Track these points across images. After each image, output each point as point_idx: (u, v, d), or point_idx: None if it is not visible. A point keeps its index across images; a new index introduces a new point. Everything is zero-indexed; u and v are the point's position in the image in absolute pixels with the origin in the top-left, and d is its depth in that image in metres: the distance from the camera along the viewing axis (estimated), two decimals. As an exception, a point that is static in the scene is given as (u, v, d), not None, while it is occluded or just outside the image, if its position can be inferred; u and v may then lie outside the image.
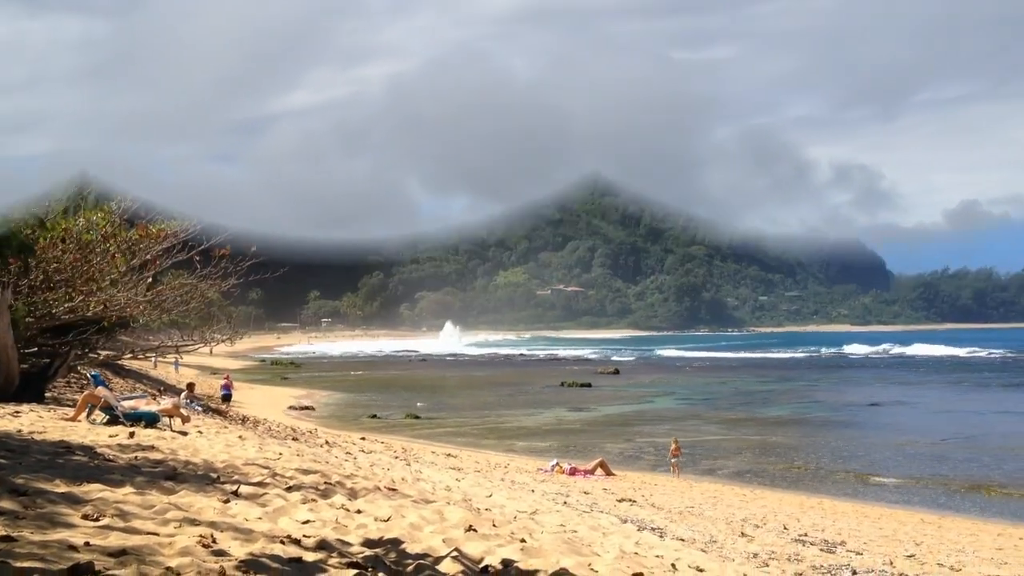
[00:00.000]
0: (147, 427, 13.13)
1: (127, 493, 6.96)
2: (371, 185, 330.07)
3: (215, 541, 5.63)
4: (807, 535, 14.77)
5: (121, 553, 5.00)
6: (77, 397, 15.80)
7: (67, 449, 9.50)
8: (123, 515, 6.09)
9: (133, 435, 11.63)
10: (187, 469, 8.96)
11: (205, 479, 8.34)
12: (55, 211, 19.28)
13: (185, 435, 13.10)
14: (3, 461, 8.04)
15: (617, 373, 72.72)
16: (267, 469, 9.60)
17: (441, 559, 6.07)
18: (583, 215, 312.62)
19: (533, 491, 16.24)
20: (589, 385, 57.62)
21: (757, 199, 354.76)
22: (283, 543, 5.87)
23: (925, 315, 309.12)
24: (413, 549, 6.31)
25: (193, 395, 24.36)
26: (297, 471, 9.83)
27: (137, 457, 9.51)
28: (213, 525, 6.12)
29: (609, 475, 23.05)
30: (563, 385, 57.84)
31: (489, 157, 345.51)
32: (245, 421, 24.84)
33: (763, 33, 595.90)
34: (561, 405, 44.91)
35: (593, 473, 22.86)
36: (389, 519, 7.46)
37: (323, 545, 5.96)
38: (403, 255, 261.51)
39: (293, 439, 19.38)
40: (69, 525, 5.63)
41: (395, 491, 9.79)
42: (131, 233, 17.96)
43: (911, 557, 13.53)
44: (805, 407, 45.17)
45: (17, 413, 13.16)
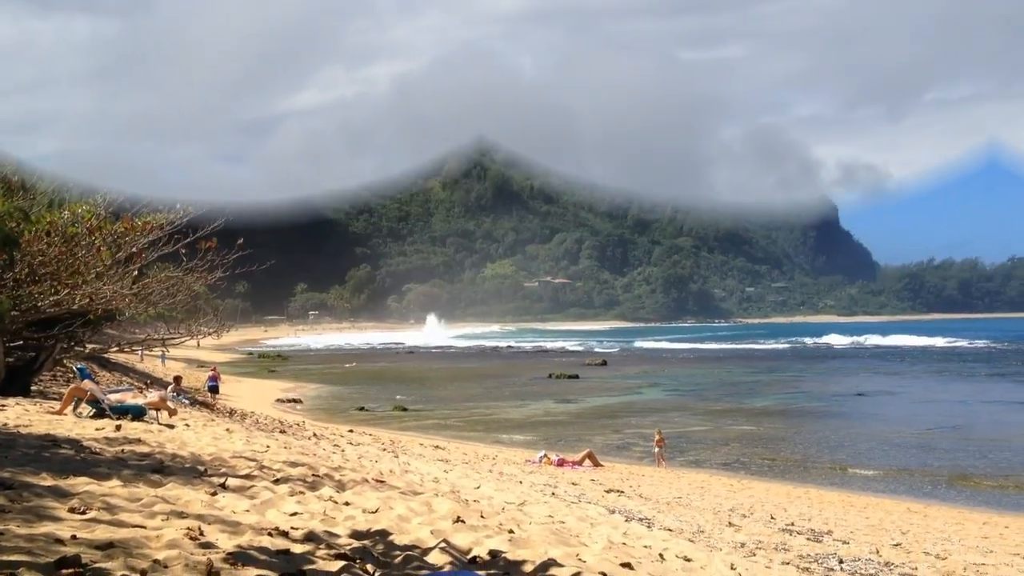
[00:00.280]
0: (134, 420, 13.09)
1: (114, 486, 6.94)
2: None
3: (202, 534, 5.62)
4: (794, 525, 14.84)
5: (108, 546, 4.98)
6: (63, 391, 15.73)
7: (53, 442, 9.46)
8: (110, 508, 6.07)
9: (120, 428, 11.60)
10: (174, 462, 8.94)
11: (192, 472, 8.32)
12: (40, 204, 19.15)
13: (172, 428, 13.07)
14: (-11, 455, 8.00)
15: (604, 364, 72.88)
16: (254, 462, 9.58)
17: (429, 550, 6.08)
18: (570, 207, 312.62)
19: (521, 482, 16.26)
20: (576, 377, 57.69)
21: (763, 197, 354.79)
22: (271, 535, 5.86)
23: (911, 305, 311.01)
24: (401, 540, 6.32)
25: (180, 388, 24.26)
26: (285, 463, 9.82)
27: (124, 450, 9.48)
28: (200, 518, 6.11)
29: (597, 466, 23.09)
30: (551, 377, 57.89)
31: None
32: (232, 414, 24.77)
33: (770, 33, 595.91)
34: (549, 397, 44.95)
35: (581, 464, 22.90)
36: (377, 511, 7.45)
37: (311, 537, 5.95)
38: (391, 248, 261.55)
39: (281, 432, 19.34)
40: (56, 518, 5.61)
41: (383, 483, 9.78)
42: (116, 226, 17.83)
43: (897, 546, 13.61)
44: (791, 397, 45.38)
45: (3, 407, 13.10)
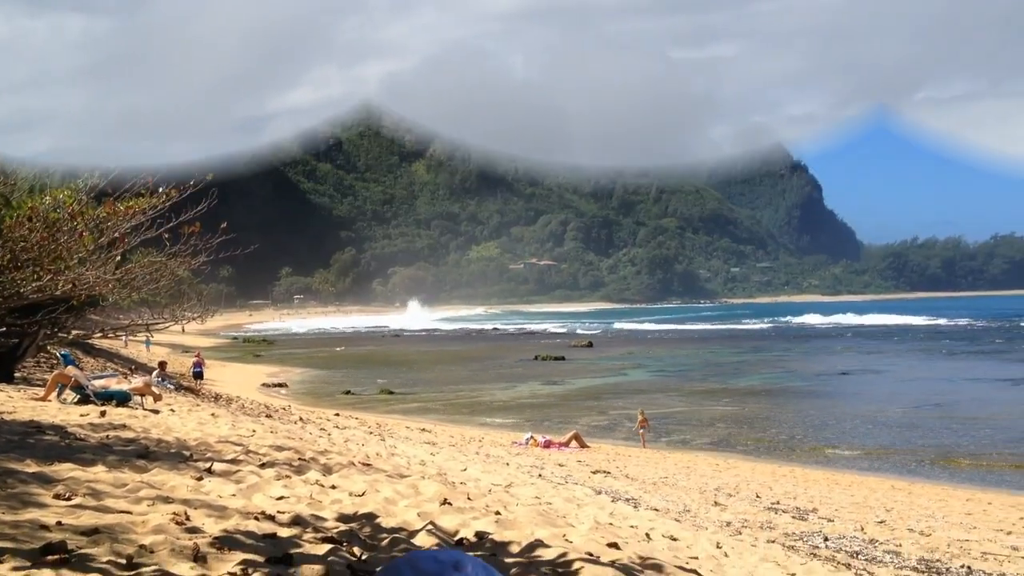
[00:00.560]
0: (119, 406, 13.05)
1: (99, 472, 6.91)
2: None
3: (189, 518, 5.60)
4: (779, 503, 14.95)
5: (94, 532, 4.96)
6: (47, 377, 15.66)
7: (37, 429, 9.41)
8: (95, 494, 6.04)
9: (104, 414, 11.56)
10: (160, 447, 8.90)
11: (178, 457, 8.29)
12: (20, 189, 18.96)
13: (157, 413, 13.03)
14: (-28, 442, 7.95)
15: (591, 346, 73.03)
16: (240, 446, 9.56)
17: (416, 533, 6.08)
18: (555, 189, 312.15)
19: (508, 464, 16.31)
20: (563, 358, 57.80)
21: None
22: (257, 519, 5.85)
23: (895, 284, 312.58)
24: (388, 523, 6.31)
25: (165, 373, 24.16)
26: (271, 448, 9.80)
27: (109, 436, 9.44)
28: (187, 502, 6.09)
29: (583, 447, 23.18)
30: (537, 359, 57.99)
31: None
32: (218, 399, 24.71)
33: (764, 32, 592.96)
34: (535, 379, 45.04)
35: (567, 445, 22.97)
36: (364, 494, 7.45)
37: (297, 521, 5.94)
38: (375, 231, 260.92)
39: (267, 416, 19.31)
40: (40, 505, 5.58)
41: (369, 466, 9.78)
42: (98, 211, 17.69)
43: (882, 523, 13.73)
44: (776, 377, 45.62)
45: (-15, 394, 13.03)
